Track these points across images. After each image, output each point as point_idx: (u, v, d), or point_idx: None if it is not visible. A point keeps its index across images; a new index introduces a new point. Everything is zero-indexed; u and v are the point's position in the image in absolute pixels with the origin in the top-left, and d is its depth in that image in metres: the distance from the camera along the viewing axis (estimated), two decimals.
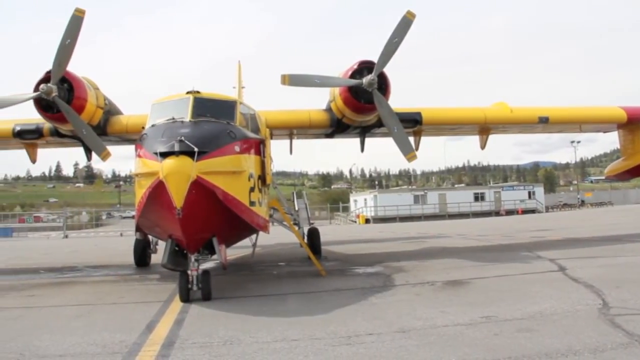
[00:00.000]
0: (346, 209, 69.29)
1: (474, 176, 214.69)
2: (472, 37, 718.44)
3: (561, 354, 5.11)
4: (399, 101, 13.41)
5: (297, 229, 14.67)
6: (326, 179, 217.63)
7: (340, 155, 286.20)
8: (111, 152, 12.69)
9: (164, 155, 8.08)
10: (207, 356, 5.64)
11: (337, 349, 5.68)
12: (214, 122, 9.32)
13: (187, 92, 9.74)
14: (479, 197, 66.76)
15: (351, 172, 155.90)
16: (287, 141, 16.77)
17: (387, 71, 12.53)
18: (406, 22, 11.77)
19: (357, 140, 15.78)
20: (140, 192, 9.13)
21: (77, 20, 10.96)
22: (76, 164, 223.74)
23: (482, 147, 17.07)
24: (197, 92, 9.75)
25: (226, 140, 8.92)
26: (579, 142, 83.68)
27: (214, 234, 8.90)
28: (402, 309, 7.68)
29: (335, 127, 14.51)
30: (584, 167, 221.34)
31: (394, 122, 12.43)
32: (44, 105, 11.88)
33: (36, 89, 11.62)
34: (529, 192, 68.86)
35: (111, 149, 12.92)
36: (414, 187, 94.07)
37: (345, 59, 15.04)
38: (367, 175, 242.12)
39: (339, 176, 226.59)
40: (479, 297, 8.29)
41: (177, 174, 8.00)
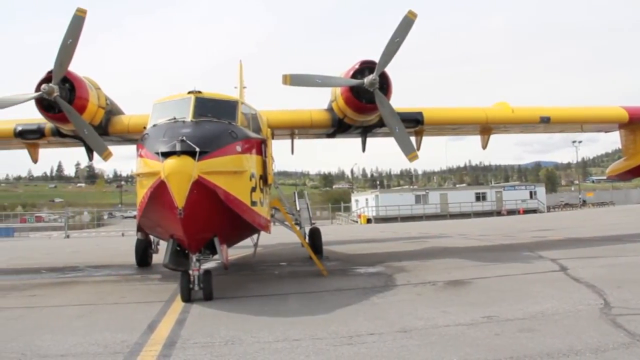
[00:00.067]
0: (347, 209, 69.25)
1: (475, 176, 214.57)
2: (472, 37, 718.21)
3: (563, 354, 5.11)
4: (401, 101, 13.41)
5: (298, 228, 14.67)
6: (327, 179, 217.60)
7: (341, 155, 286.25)
8: (113, 152, 12.69)
9: (166, 155, 8.08)
10: (209, 356, 5.64)
11: (338, 349, 5.68)
12: (216, 122, 9.32)
13: (189, 92, 9.74)
14: (480, 197, 66.63)
15: (352, 172, 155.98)
16: (289, 141, 16.77)
17: (389, 71, 12.54)
18: (407, 22, 11.76)
19: (359, 140, 15.78)
20: (141, 192, 9.13)
21: (79, 20, 10.96)
22: (78, 164, 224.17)
23: (484, 147, 17.07)
24: (199, 92, 9.75)
25: (228, 140, 8.92)
26: (580, 142, 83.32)
27: (215, 233, 8.90)
28: (403, 308, 7.68)
29: (336, 127, 14.51)
30: (585, 167, 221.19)
31: (396, 122, 12.43)
32: (46, 105, 11.89)
33: (38, 89, 11.62)
34: (531, 192, 68.70)
35: (113, 149, 12.92)
36: (416, 187, 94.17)
37: (346, 59, 15.07)
38: (369, 175, 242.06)
39: (341, 176, 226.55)
40: (480, 297, 8.29)
41: (179, 174, 8.00)
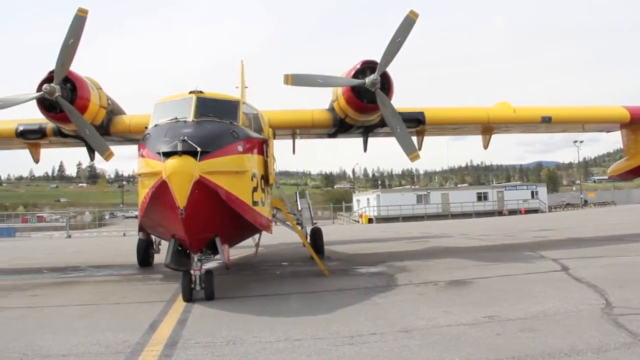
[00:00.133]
0: (349, 209, 69.17)
1: (476, 176, 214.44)
2: (473, 37, 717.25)
3: (564, 354, 5.10)
4: (402, 101, 13.40)
5: (300, 228, 14.66)
6: (329, 179, 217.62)
7: (343, 155, 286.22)
8: (114, 152, 12.68)
9: (167, 155, 8.09)
10: (210, 356, 5.64)
11: (340, 349, 5.68)
12: (217, 122, 9.33)
13: (190, 92, 9.74)
14: (481, 197, 66.55)
15: (354, 171, 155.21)
16: (290, 141, 16.77)
17: (390, 71, 12.54)
18: (409, 22, 11.76)
19: (360, 140, 15.77)
20: (143, 192, 9.14)
21: (80, 20, 10.97)
22: (79, 164, 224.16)
23: (485, 146, 17.05)
24: (200, 92, 9.76)
25: (229, 140, 8.93)
26: (581, 141, 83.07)
27: (216, 233, 8.91)
28: (405, 308, 7.68)
29: (338, 126, 14.50)
30: (586, 167, 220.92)
31: (397, 121, 12.42)
32: (47, 105, 11.90)
33: (39, 89, 11.63)
34: (532, 192, 68.63)
35: (114, 148, 12.92)
36: (417, 186, 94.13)
37: (346, 59, 15.05)
38: (370, 175, 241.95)
39: (342, 176, 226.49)
40: (481, 297, 8.29)
41: (180, 174, 8.00)
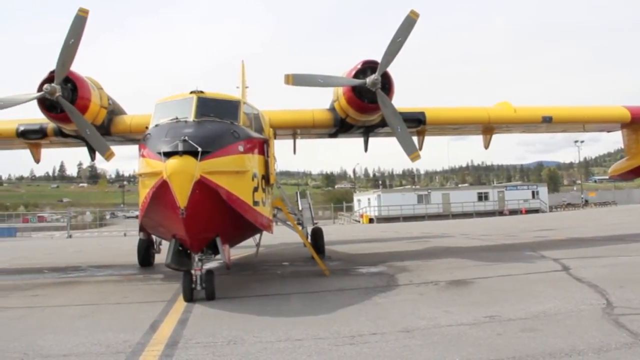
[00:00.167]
0: (350, 209, 69.12)
1: (477, 176, 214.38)
2: (473, 37, 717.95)
3: (565, 354, 5.10)
4: (403, 101, 13.40)
5: (300, 228, 14.66)
6: (330, 179, 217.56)
7: (343, 155, 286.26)
8: (115, 152, 12.68)
9: (168, 155, 8.09)
10: (211, 356, 5.65)
11: (340, 349, 5.68)
12: (218, 122, 9.33)
13: (191, 92, 9.75)
14: (482, 197, 66.50)
15: (355, 171, 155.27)
16: (291, 141, 16.77)
17: (391, 71, 12.53)
18: (410, 22, 11.75)
19: (361, 140, 15.78)
20: (144, 192, 9.14)
21: (81, 20, 10.98)
22: (80, 164, 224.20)
23: (486, 146, 17.03)
24: (201, 92, 9.76)
25: (230, 140, 8.93)
26: (582, 141, 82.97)
27: (217, 233, 8.91)
28: (405, 308, 7.68)
29: (338, 126, 14.50)
30: (587, 167, 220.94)
31: (398, 121, 12.42)
32: (48, 105, 11.91)
33: (40, 89, 11.63)
34: (533, 192, 68.59)
35: (115, 148, 12.92)
36: (418, 186, 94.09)
37: (347, 59, 15.07)
38: (371, 174, 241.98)
39: (343, 176, 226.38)
40: (482, 297, 8.29)
41: (181, 174, 8.00)
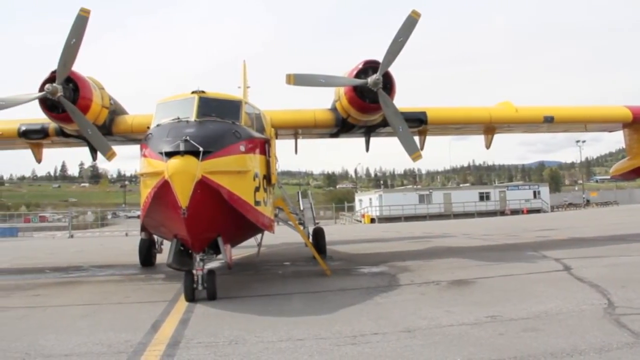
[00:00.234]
0: (351, 209, 69.16)
1: (479, 176, 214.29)
2: (473, 37, 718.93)
3: (566, 354, 5.10)
4: (404, 101, 13.38)
5: (302, 228, 14.64)
6: (331, 179, 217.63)
7: (345, 154, 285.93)
8: (116, 152, 12.68)
9: (169, 155, 8.09)
10: (213, 356, 5.65)
11: (342, 349, 5.68)
12: (219, 122, 9.33)
13: (192, 92, 9.75)
14: (484, 197, 66.49)
15: (356, 171, 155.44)
16: (292, 141, 16.75)
17: (392, 71, 12.52)
18: (411, 22, 11.74)
19: (362, 139, 15.75)
20: (145, 191, 9.15)
21: (82, 20, 10.98)
22: (81, 164, 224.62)
23: (487, 146, 17.01)
24: (202, 91, 9.76)
25: (231, 140, 8.93)
26: (584, 141, 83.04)
27: (219, 233, 8.90)
28: (407, 308, 7.68)
29: (340, 126, 14.49)
30: (589, 167, 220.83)
31: (399, 121, 12.41)
32: (49, 105, 11.91)
33: (41, 89, 11.64)
34: (534, 192, 68.54)
35: (116, 148, 12.91)
36: (419, 186, 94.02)
37: (347, 59, 15.08)
38: (372, 174, 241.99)
39: (344, 176, 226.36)
40: (484, 297, 8.28)
41: (183, 174, 8.01)
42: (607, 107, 16.93)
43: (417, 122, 14.53)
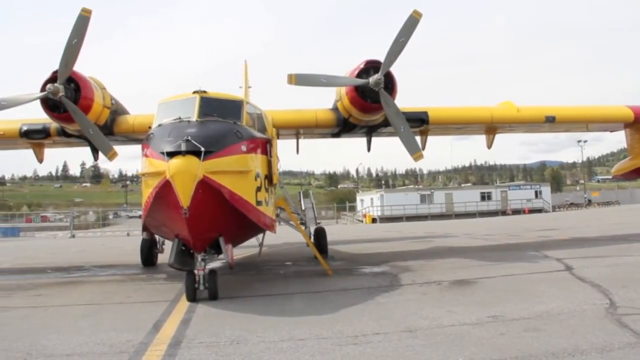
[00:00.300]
0: (353, 209, 69.14)
1: (480, 175, 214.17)
2: (474, 37, 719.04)
3: (568, 354, 5.09)
4: (405, 101, 13.39)
5: (303, 228, 14.65)
6: (333, 179, 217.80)
7: (346, 154, 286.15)
8: (118, 152, 12.69)
9: (171, 154, 8.09)
10: (214, 356, 5.65)
11: (343, 349, 5.68)
12: (221, 122, 9.33)
13: (194, 92, 9.75)
14: (485, 197, 66.44)
15: (358, 171, 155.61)
16: (294, 141, 16.74)
17: (394, 70, 12.50)
18: (412, 22, 11.72)
19: (364, 139, 15.75)
20: (147, 191, 9.15)
21: (84, 20, 10.99)
22: (83, 164, 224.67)
23: (489, 146, 16.99)
24: (204, 91, 9.77)
25: (233, 139, 8.93)
26: (585, 141, 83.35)
27: (220, 233, 8.90)
28: (408, 308, 7.67)
29: (341, 126, 14.48)
30: (590, 167, 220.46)
31: (401, 121, 12.40)
32: (51, 105, 11.92)
33: (43, 89, 11.66)
34: (536, 192, 68.50)
35: (118, 148, 12.92)
36: (421, 186, 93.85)
37: (348, 59, 15.11)
38: (374, 174, 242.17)
39: (346, 176, 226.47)
40: (485, 297, 8.28)
41: (184, 174, 8.01)
42: (609, 107, 16.92)
43: (419, 122, 14.52)
